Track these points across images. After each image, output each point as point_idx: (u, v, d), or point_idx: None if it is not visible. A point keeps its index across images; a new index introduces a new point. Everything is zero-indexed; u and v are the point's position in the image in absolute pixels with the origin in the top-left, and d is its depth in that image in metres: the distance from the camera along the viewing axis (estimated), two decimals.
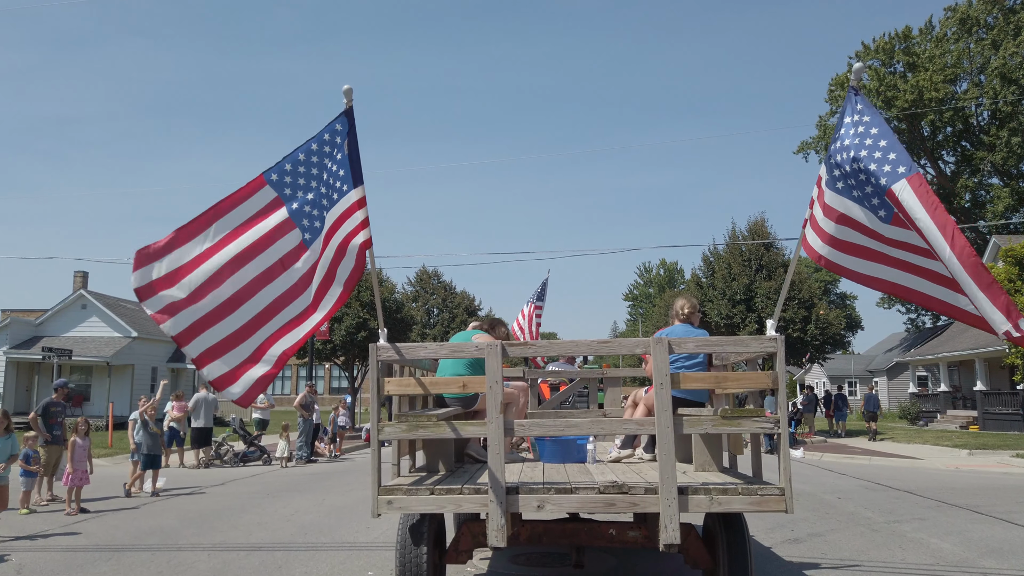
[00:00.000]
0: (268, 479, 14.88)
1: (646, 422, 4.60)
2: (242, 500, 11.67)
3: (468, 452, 6.04)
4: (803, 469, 16.91)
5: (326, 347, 27.08)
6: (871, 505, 10.96)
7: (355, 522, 9.53)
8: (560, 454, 5.91)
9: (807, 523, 9.38)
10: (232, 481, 14.51)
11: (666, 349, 4.50)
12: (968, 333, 34.70)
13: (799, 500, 11.47)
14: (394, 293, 30.97)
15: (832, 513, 10.24)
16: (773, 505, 4.33)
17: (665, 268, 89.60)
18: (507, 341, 5.00)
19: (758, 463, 5.13)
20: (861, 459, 19.69)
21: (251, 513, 10.30)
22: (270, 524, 9.40)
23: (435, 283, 49.42)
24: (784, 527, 9.03)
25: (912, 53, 37.72)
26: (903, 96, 36.37)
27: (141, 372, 33.89)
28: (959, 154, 42.15)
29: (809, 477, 14.96)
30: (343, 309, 27.53)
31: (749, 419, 4.53)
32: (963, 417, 32.56)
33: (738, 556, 4.73)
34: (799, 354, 28.47)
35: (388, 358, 4.72)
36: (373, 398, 4.65)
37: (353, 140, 4.80)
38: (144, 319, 36.70)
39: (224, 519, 9.82)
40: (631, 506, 4.36)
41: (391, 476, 5.08)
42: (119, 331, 33.58)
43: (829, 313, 28.60)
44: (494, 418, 4.43)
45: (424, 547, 4.79)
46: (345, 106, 4.81)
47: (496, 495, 4.33)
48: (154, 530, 9.09)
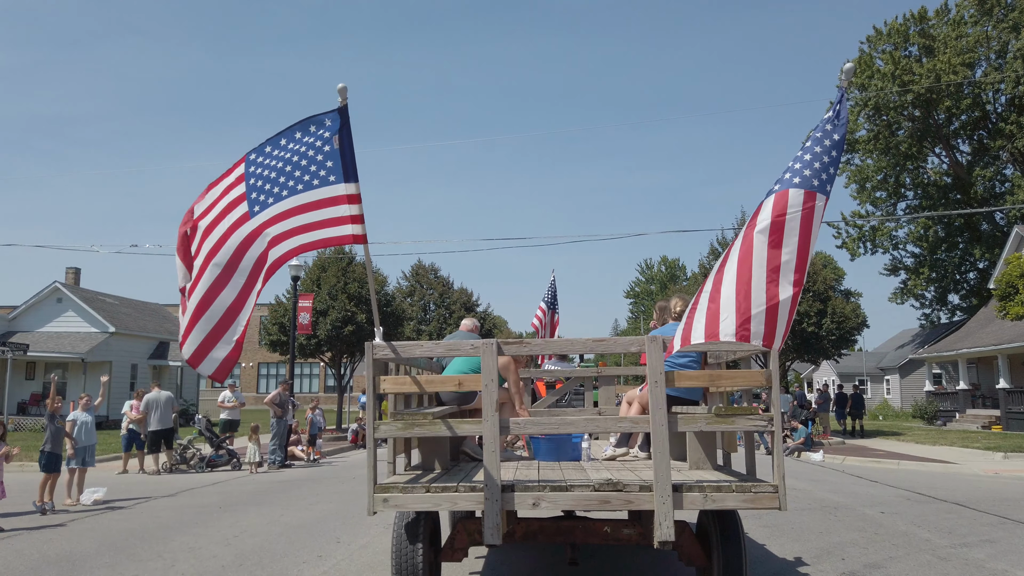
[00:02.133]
0: (229, 488, 13.22)
1: (640, 420, 4.62)
2: (187, 516, 10.01)
3: (464, 450, 5.97)
4: (828, 475, 15.23)
5: (310, 343, 25.37)
6: (924, 522, 9.30)
7: (308, 547, 7.86)
8: (555, 452, 5.91)
9: (857, 548, 7.72)
10: (188, 491, 12.86)
11: (660, 347, 4.47)
12: (989, 328, 33.04)
13: (837, 515, 9.84)
14: (385, 286, 29.21)
15: (883, 534, 8.57)
16: (767, 503, 4.31)
17: (667, 264, 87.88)
18: (504, 340, 4.84)
19: (752, 461, 5.08)
20: (888, 463, 18.03)
21: (188, 534, 8.64)
22: (203, 550, 7.74)
23: (432, 278, 47.67)
24: (832, 554, 7.38)
25: (928, 36, 35.97)
26: (919, 81, 34.65)
27: (120, 369, 32.22)
28: (975, 142, 40.44)
29: (839, 485, 13.29)
30: (328, 302, 25.89)
31: (743, 417, 4.51)
32: (984, 416, 30.92)
33: (732, 553, 4.72)
34: (814, 350, 26.73)
35: (384, 357, 4.72)
36: (369, 397, 4.58)
37: (347, 137, 4.76)
38: (124, 314, 35.08)
39: (152, 543, 8.16)
40: (626, 504, 4.38)
41: (387, 474, 5.05)
42: (96, 326, 31.91)
43: (846, 306, 26.86)
44: (490, 416, 4.43)
45: (420, 545, 4.77)
46: (340, 103, 4.74)
47: (491, 493, 4.35)
48: (60, 558, 7.43)
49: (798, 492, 12.22)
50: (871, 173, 41.43)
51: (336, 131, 4.75)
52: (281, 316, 26.02)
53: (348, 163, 4.71)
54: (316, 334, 25.13)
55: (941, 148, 40.29)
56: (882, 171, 41.16)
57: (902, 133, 39.74)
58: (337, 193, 4.69)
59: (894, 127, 39.31)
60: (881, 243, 41.37)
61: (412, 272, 48.10)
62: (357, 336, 25.37)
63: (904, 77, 35.00)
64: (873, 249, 41.84)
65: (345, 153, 4.72)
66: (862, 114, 38.91)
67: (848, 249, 41.69)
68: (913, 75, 34.97)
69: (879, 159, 40.56)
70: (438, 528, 5.25)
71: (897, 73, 35.14)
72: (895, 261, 43.02)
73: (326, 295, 25.92)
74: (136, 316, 36.07)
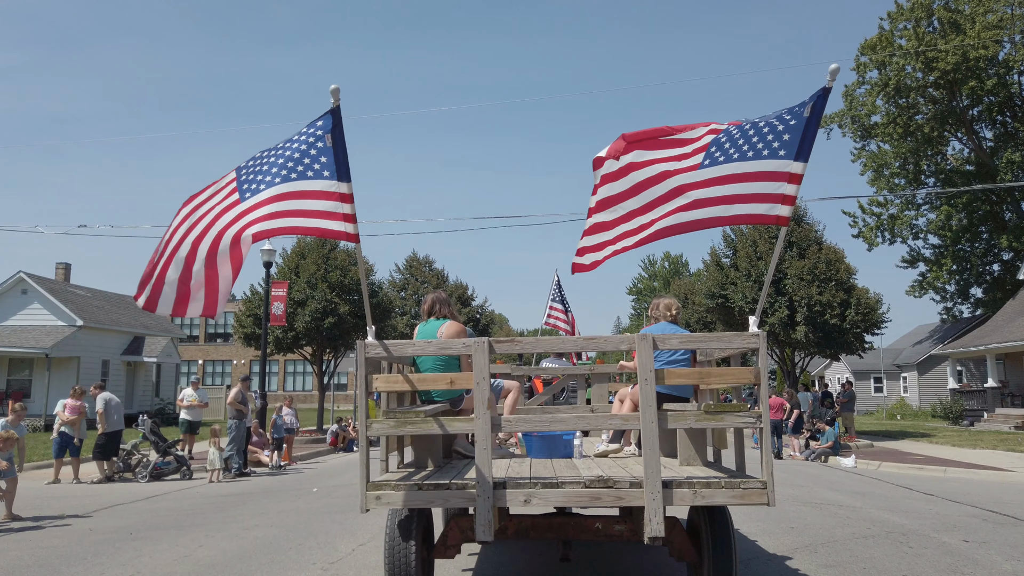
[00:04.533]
0: (163, 504, 11.07)
1: (631, 417, 4.59)
2: (78, 548, 7.85)
3: (456, 448, 5.92)
4: (872, 486, 13.06)
5: (287, 336, 23.19)
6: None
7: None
8: (547, 449, 5.90)
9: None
10: (113, 507, 10.72)
11: (650, 345, 4.47)
12: (1020, 321, 30.87)
13: (911, 545, 7.70)
14: (371, 275, 26.89)
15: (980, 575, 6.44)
16: (756, 498, 4.29)
17: (669, 261, 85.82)
18: (495, 339, 4.67)
19: (741, 458, 4.95)
20: (932, 470, 15.87)
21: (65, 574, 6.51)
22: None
23: (427, 271, 45.50)
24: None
25: (954, 10, 33.70)
26: (944, 58, 32.42)
27: (88, 365, 30.08)
28: (999, 126, 38.22)
29: (892, 500, 11.14)
30: (307, 291, 23.71)
31: (732, 414, 4.47)
32: (1016, 416, 28.76)
33: (722, 549, 4.68)
34: (837, 344, 24.50)
35: (376, 355, 4.69)
36: (362, 395, 4.48)
37: (339, 136, 4.70)
38: (96, 306, 32.95)
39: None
40: (616, 500, 4.37)
41: (380, 472, 4.92)
42: (63, 319, 29.76)
43: (871, 298, 24.63)
44: (481, 414, 4.41)
45: (412, 542, 4.72)
46: (332, 104, 4.67)
47: (483, 490, 4.33)
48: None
49: (847, 510, 10.07)
50: (889, 159, 39.19)
51: (329, 130, 4.69)
52: (256, 307, 23.85)
53: (341, 162, 4.66)
54: (293, 326, 22.95)
55: (964, 133, 38.06)
56: (900, 157, 38.91)
57: (921, 118, 37.54)
58: (329, 189, 4.65)
59: (912, 111, 37.10)
60: (900, 232, 39.12)
61: (406, 264, 45.99)
62: (339, 329, 23.22)
63: (928, 54, 32.77)
64: (891, 239, 39.58)
65: (338, 152, 4.67)
66: (881, 95, 36.67)
67: (865, 238, 39.45)
68: (938, 51, 32.74)
69: (897, 145, 38.32)
70: (431, 525, 5.24)
71: (921, 49, 32.90)
72: (913, 253, 40.80)
73: (305, 284, 23.74)
74: (109, 309, 33.93)
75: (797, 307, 24.11)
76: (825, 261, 24.60)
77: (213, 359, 60.51)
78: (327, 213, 4.65)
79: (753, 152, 4.50)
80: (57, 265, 36.83)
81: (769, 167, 4.46)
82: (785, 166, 4.42)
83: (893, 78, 35.12)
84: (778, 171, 4.45)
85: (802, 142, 4.39)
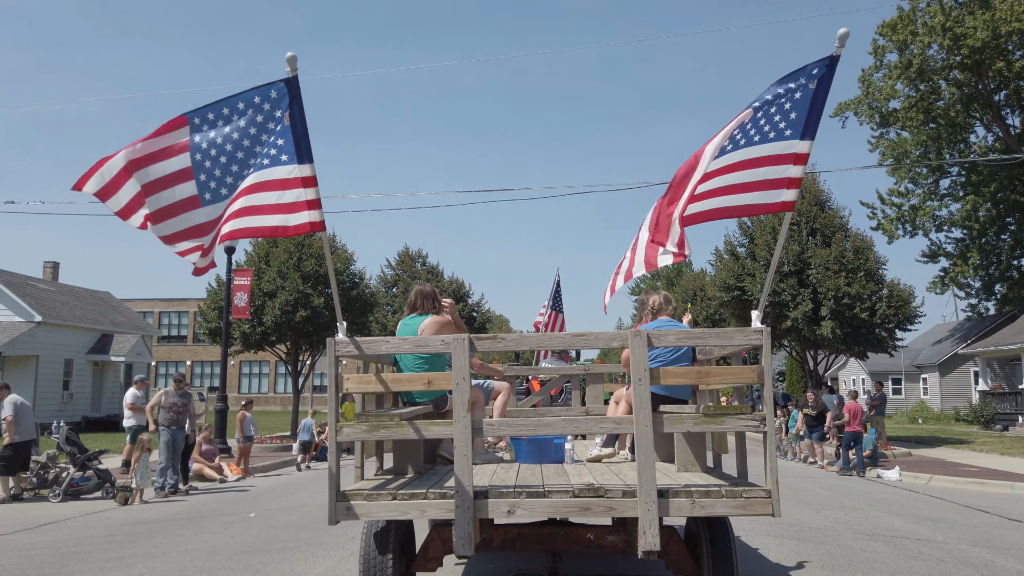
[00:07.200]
0: (51, 536, 8.70)
1: (624, 420, 4.32)
2: None
3: (440, 453, 5.60)
4: (938, 508, 10.69)
5: (255, 331, 20.83)
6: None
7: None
8: (537, 454, 5.56)
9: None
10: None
11: (644, 343, 4.15)
12: None
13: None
14: (351, 265, 24.44)
15: None
16: (759, 508, 4.00)
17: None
18: (476, 335, 4.31)
19: (743, 463, 4.69)
20: (995, 484, 13.54)
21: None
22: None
23: (419, 266, 43.22)
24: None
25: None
26: (974, 34, 30.10)
27: (49, 365, 27.76)
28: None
29: (976, 529, 8.78)
30: (278, 282, 21.36)
31: (733, 416, 4.20)
32: None
33: (723, 562, 4.43)
34: (865, 341, 22.11)
35: (346, 353, 4.39)
36: (331, 395, 4.20)
37: (298, 112, 4.37)
38: (60, 302, 30.61)
39: None
40: (608, 510, 4.09)
41: (354, 479, 4.70)
42: (20, 315, 27.42)
43: (903, 289, 22.26)
44: (460, 417, 4.10)
45: (390, 555, 4.48)
46: (288, 75, 4.34)
47: (463, 500, 4.03)
48: None
49: (932, 547, 7.71)
50: (909, 147, 36.84)
51: (286, 108, 4.37)
52: (221, 299, 21.50)
53: (301, 142, 4.36)
54: (262, 320, 20.60)
55: (990, 119, 35.71)
56: (921, 145, 36.58)
57: (941, 104, 35.21)
58: (291, 175, 4.38)
59: (934, 97, 34.77)
60: (922, 224, 36.73)
61: (398, 260, 43.73)
62: (312, 324, 20.87)
63: (956, 29, 30.44)
64: (912, 232, 37.22)
65: (297, 131, 4.36)
66: (902, 78, 34.34)
67: (885, 231, 37.02)
68: (967, 28, 30.41)
69: (918, 132, 35.98)
70: (411, 536, 4.95)
71: (949, 25, 30.57)
72: (934, 247, 38.41)
73: (276, 274, 21.39)
74: (75, 305, 31.60)
75: (822, 300, 21.75)
76: (853, 249, 22.26)
77: (202, 360, 58.32)
78: (289, 206, 4.40)
79: (760, 136, 4.45)
80: (45, 263, 35.69)
81: (776, 150, 4.40)
82: (791, 147, 4.36)
83: (916, 57, 32.81)
84: (784, 153, 4.38)
85: (808, 118, 4.31)
